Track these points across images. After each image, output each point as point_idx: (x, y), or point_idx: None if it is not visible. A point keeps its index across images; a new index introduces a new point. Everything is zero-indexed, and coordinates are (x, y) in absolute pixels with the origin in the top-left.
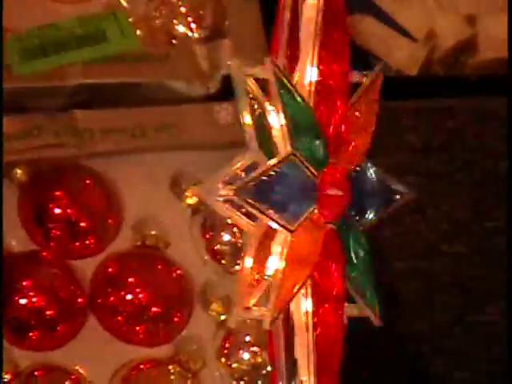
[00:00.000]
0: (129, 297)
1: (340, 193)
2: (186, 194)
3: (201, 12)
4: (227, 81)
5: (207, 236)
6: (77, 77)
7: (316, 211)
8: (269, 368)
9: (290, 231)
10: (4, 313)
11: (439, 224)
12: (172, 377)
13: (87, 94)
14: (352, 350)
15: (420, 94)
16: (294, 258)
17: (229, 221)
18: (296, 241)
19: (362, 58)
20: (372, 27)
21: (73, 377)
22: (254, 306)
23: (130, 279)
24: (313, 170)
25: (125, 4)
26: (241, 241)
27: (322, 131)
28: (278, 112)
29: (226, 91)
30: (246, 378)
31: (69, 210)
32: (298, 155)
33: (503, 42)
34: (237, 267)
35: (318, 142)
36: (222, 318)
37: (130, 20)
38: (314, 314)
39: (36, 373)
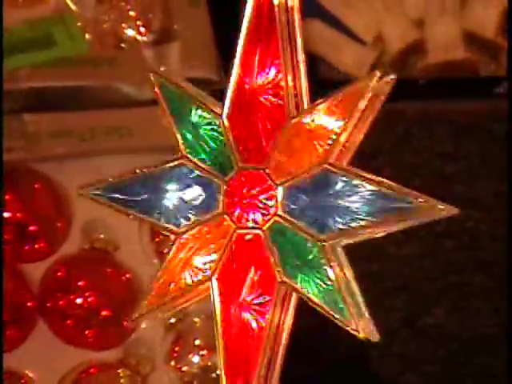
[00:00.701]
0: (78, 300)
1: (247, 199)
2: None
3: (150, 16)
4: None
5: (156, 240)
6: (26, 80)
7: (221, 216)
8: (218, 372)
9: (175, 234)
10: None
11: None
12: (122, 380)
13: (36, 97)
14: (300, 353)
15: None
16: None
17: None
18: (190, 243)
19: (310, 62)
20: (320, 31)
21: (22, 381)
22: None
23: (80, 283)
24: (217, 175)
25: (73, 8)
26: None
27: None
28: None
29: None
30: (195, 382)
31: (18, 214)
32: (190, 158)
33: (451, 44)
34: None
35: (220, 148)
36: (172, 321)
37: (79, 24)
38: (222, 317)
39: None
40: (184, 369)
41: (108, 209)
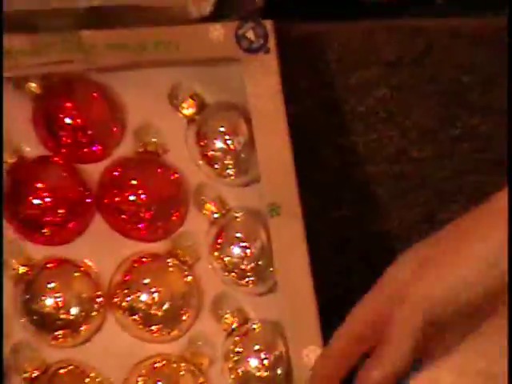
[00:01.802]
0: (132, 197)
1: None
2: (183, 105)
3: None
4: (219, 5)
5: (201, 143)
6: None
7: None
8: (260, 262)
9: None
10: (19, 212)
11: (409, 132)
12: (170, 269)
13: (94, 16)
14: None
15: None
16: None
17: (221, 129)
18: None
19: None
20: None
21: (81, 269)
22: None
23: (133, 182)
24: None
25: None
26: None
27: None
28: None
29: (218, 14)
30: (236, 271)
31: (78, 120)
32: None
33: None
34: (228, 171)
35: None
36: (215, 216)
37: None
38: None
39: (48, 265)
40: (226, 259)
41: (159, 115)
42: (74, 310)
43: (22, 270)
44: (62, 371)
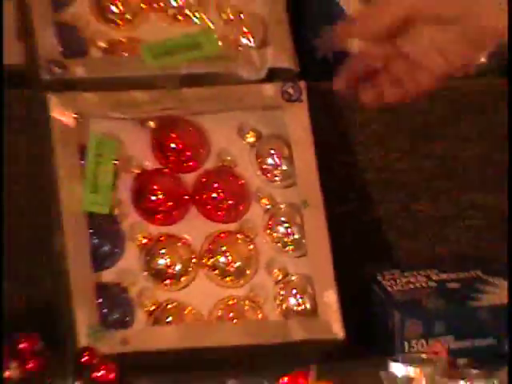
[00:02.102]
0: (214, 195)
1: None
2: (247, 136)
3: (255, 30)
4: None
5: (259, 160)
6: (185, 69)
7: None
8: (296, 236)
9: None
10: (142, 204)
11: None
12: (239, 241)
13: (189, 78)
14: None
15: None
16: None
17: (272, 151)
18: None
19: None
20: None
21: (182, 241)
22: None
23: (215, 185)
24: None
25: (212, 26)
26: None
27: None
28: None
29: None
30: (281, 242)
31: (180, 145)
32: None
33: None
34: (276, 178)
35: None
36: (267, 207)
37: (215, 36)
38: None
39: (161, 238)
40: (274, 234)
41: (231, 142)
42: (177, 267)
43: (144, 241)
44: (169, 306)
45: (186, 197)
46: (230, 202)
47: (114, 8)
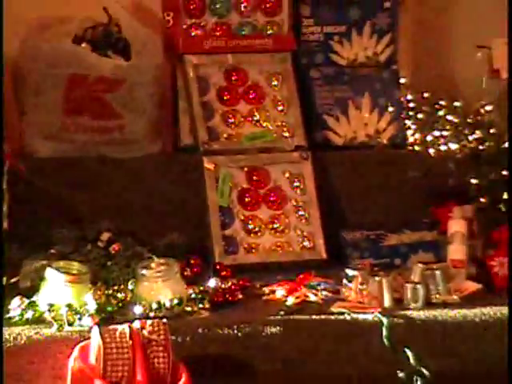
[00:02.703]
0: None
1: None
2: (287, 175)
3: (290, 130)
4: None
5: None
6: (259, 145)
7: None
8: None
9: None
10: (241, 202)
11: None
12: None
13: (263, 150)
14: None
15: None
16: None
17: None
18: None
19: None
20: None
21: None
22: None
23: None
24: None
25: (271, 128)
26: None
27: None
28: None
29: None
30: None
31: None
32: None
33: None
34: None
35: None
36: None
37: (273, 131)
38: None
39: (251, 218)
40: None
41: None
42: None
43: (241, 218)
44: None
45: (260, 200)
46: (278, 201)
47: (230, 120)
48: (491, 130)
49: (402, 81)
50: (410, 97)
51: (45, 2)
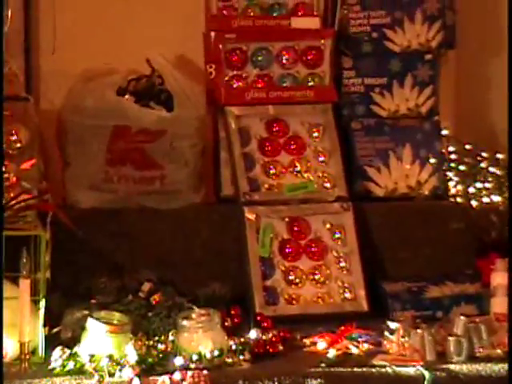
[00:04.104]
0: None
1: None
2: (327, 226)
3: (331, 181)
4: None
5: None
6: (301, 196)
7: None
8: None
9: None
10: (282, 252)
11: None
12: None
13: (303, 201)
14: None
15: None
16: None
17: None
18: None
19: None
20: None
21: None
22: None
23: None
24: None
25: (312, 179)
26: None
27: None
28: None
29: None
30: None
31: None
32: None
33: None
34: None
35: None
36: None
37: (314, 183)
38: None
39: (291, 269)
40: None
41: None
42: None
43: (283, 268)
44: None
45: (301, 250)
46: (319, 252)
47: (272, 170)
48: None
49: (444, 132)
50: (451, 148)
51: (90, 55)
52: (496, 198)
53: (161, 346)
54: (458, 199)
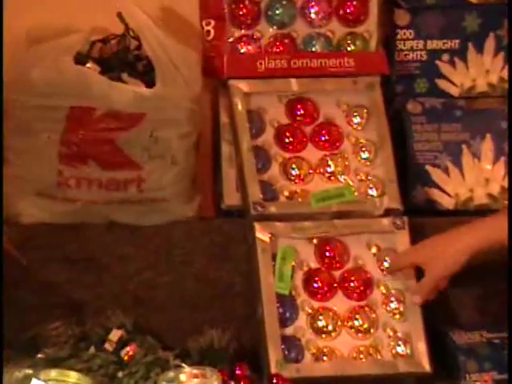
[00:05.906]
0: (352, 284)
1: None
2: (372, 249)
3: (378, 186)
4: (385, 211)
5: (378, 262)
6: (335, 208)
7: None
8: None
9: None
10: (308, 288)
11: None
12: (366, 312)
13: (339, 215)
14: None
15: None
16: None
17: (387, 258)
18: None
19: None
20: None
21: (333, 311)
22: None
23: (352, 277)
24: None
25: (351, 183)
26: None
27: None
28: None
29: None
30: None
31: (332, 253)
32: None
33: None
34: None
35: None
36: (383, 291)
37: (353, 189)
38: None
39: (319, 309)
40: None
41: (364, 251)
42: (330, 327)
43: (309, 311)
44: (325, 350)
45: (335, 285)
46: (361, 288)
47: (294, 171)
48: None
49: None
50: None
51: (37, 8)
52: None
53: None
54: None
